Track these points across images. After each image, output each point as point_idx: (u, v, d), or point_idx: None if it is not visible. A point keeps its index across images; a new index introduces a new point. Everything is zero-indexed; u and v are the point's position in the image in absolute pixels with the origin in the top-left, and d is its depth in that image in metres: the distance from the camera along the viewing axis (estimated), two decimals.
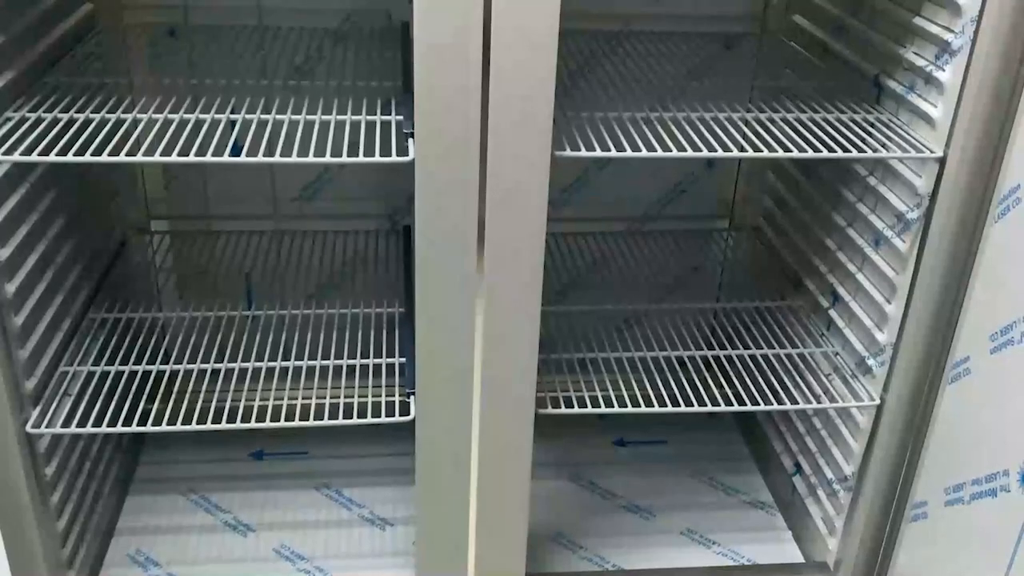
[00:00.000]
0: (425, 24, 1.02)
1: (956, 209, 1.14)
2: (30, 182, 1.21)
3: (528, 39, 1.04)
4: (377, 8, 1.52)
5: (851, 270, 1.36)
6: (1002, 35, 1.06)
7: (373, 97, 1.24)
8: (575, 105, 1.25)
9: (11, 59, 1.16)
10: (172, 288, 1.65)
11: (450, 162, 1.09)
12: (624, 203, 1.73)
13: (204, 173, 1.61)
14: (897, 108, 1.25)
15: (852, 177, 1.36)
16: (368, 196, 1.66)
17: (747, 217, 1.75)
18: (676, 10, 1.59)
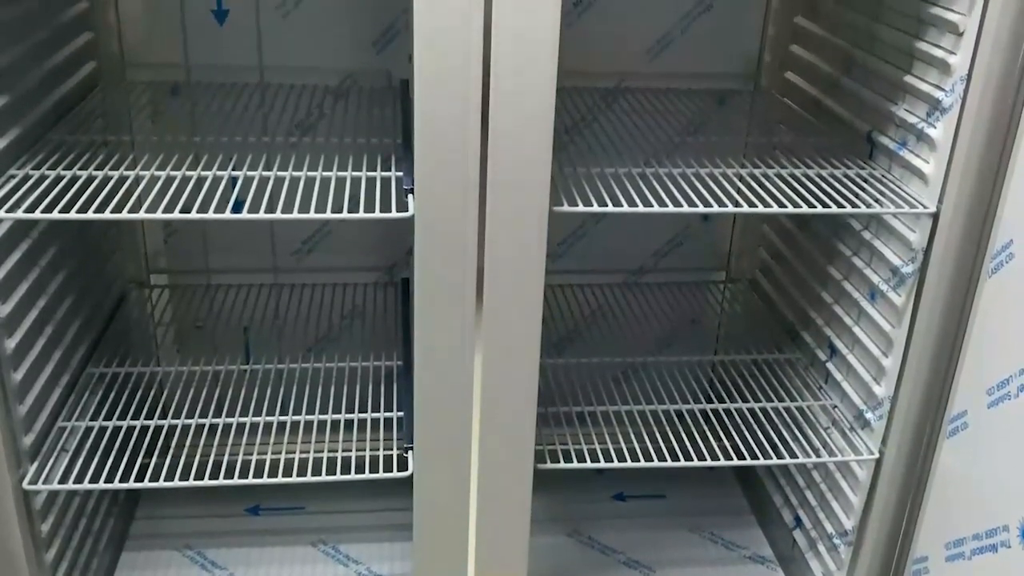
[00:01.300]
0: (425, 82, 1.04)
1: (950, 264, 1.15)
2: (32, 238, 1.21)
3: (526, 97, 1.06)
4: (377, 67, 1.54)
5: (848, 323, 1.37)
6: (991, 93, 1.08)
7: (373, 154, 1.26)
8: (572, 160, 1.27)
9: (16, 118, 1.18)
10: (171, 342, 1.65)
11: (449, 217, 1.10)
12: (621, 255, 1.74)
13: (204, 227, 1.62)
14: (890, 164, 1.27)
15: (847, 231, 1.37)
16: (367, 249, 1.67)
17: (743, 269, 1.77)
18: (670, 68, 1.61)
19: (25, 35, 1.21)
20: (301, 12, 1.50)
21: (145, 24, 1.49)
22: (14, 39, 1.18)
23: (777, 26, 1.60)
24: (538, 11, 1.02)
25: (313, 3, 1.50)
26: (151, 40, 1.50)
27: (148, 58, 1.51)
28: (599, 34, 1.57)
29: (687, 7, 1.59)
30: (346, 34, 1.52)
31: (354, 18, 1.52)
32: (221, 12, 1.49)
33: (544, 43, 1.04)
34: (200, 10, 1.49)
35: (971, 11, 1.08)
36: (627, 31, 1.58)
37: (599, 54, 1.59)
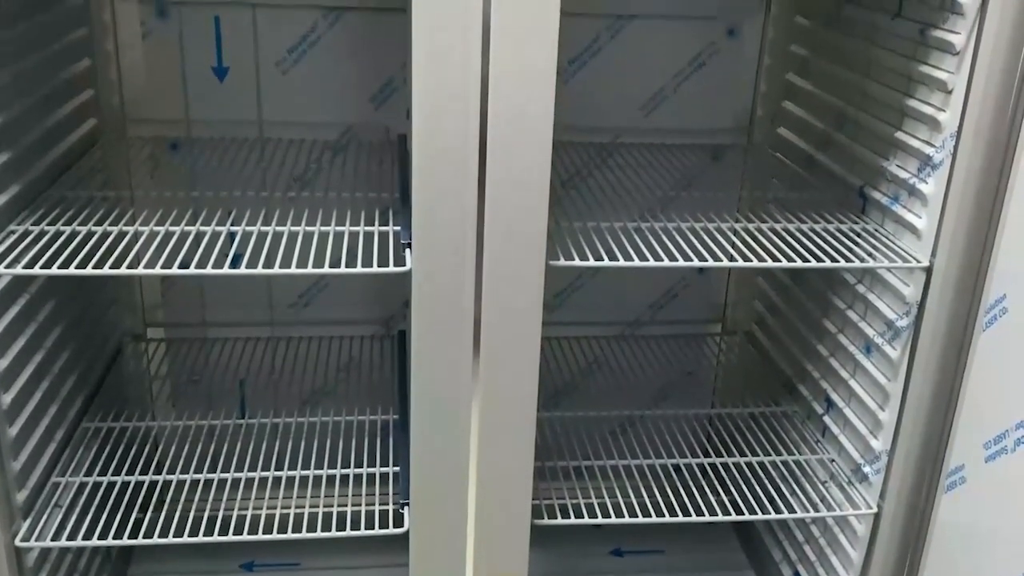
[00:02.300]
0: (423, 138, 1.06)
1: (945, 318, 1.16)
2: (30, 293, 1.22)
3: (523, 152, 1.07)
4: (375, 122, 1.56)
5: (844, 376, 1.37)
6: (981, 150, 1.09)
7: (371, 208, 1.27)
8: (568, 214, 1.28)
9: (17, 174, 1.19)
10: (166, 396, 1.65)
11: (447, 272, 1.11)
12: (617, 307, 1.75)
13: (201, 281, 1.63)
14: (883, 218, 1.28)
15: (841, 285, 1.38)
16: (363, 302, 1.67)
17: (739, 322, 1.77)
18: (664, 123, 1.64)
19: (28, 93, 1.23)
20: (301, 68, 1.53)
21: (146, 81, 1.51)
22: (17, 96, 1.19)
23: (769, 83, 1.62)
24: (534, 68, 1.04)
25: (313, 59, 1.53)
26: (152, 96, 1.52)
27: (149, 114, 1.52)
28: (594, 90, 1.60)
29: (680, 64, 1.61)
30: (345, 89, 1.54)
31: (353, 74, 1.54)
32: (221, 69, 1.52)
33: (540, 99, 1.05)
34: (201, 67, 1.51)
35: (959, 70, 1.11)
36: (622, 87, 1.61)
37: (594, 110, 1.61)
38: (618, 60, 1.59)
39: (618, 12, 1.56)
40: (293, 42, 1.52)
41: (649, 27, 1.58)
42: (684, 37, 1.60)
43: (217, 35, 1.50)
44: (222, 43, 1.51)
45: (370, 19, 1.51)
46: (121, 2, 1.47)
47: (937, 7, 1.14)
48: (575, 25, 1.55)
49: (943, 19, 1.14)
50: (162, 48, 1.50)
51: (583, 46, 1.58)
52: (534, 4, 1.01)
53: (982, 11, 1.06)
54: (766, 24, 1.59)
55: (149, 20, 1.48)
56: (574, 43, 1.58)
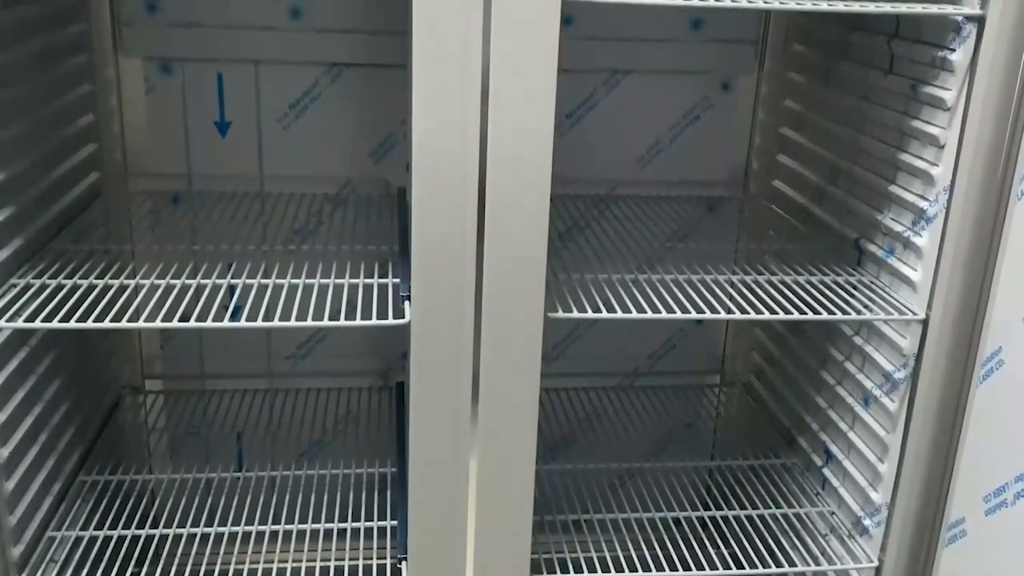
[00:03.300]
0: (423, 191, 1.07)
1: (942, 370, 1.16)
2: (30, 346, 1.22)
3: (521, 206, 1.08)
4: (376, 176, 1.58)
5: (843, 428, 1.37)
6: (974, 204, 1.11)
7: (371, 261, 1.28)
8: (566, 266, 1.29)
9: (19, 228, 1.20)
10: (164, 448, 1.64)
11: (445, 324, 1.11)
12: (615, 358, 1.75)
13: (200, 332, 1.63)
14: (879, 271, 1.29)
15: (839, 336, 1.39)
16: (362, 353, 1.68)
17: (738, 373, 1.77)
18: (661, 175, 1.66)
19: (32, 148, 1.24)
20: (302, 123, 1.55)
21: (149, 135, 1.53)
22: (21, 152, 1.21)
23: (764, 136, 1.64)
24: (532, 122, 1.05)
25: (314, 114, 1.55)
26: (154, 150, 1.54)
27: (151, 168, 1.54)
28: (591, 143, 1.62)
29: (676, 117, 1.64)
30: (345, 144, 1.56)
31: (353, 128, 1.56)
32: (223, 124, 1.54)
33: (538, 153, 1.06)
34: (203, 121, 1.53)
35: (950, 125, 1.12)
36: (618, 140, 1.63)
37: (591, 162, 1.63)
38: (615, 113, 1.61)
39: (614, 67, 1.59)
40: (295, 98, 1.54)
41: (645, 81, 1.60)
42: (679, 91, 1.62)
43: (220, 91, 1.53)
44: (224, 98, 1.53)
45: (371, 75, 1.54)
46: (126, 59, 1.49)
47: (928, 64, 1.16)
48: (572, 80, 1.57)
49: (934, 76, 1.16)
50: (165, 103, 1.52)
51: (580, 100, 1.61)
52: (532, 61, 1.03)
53: (971, 68, 1.08)
54: (760, 79, 1.62)
55: (153, 76, 1.51)
56: (571, 97, 1.60)
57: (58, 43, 1.35)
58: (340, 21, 1.50)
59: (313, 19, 1.49)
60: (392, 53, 1.50)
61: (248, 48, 1.50)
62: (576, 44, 1.52)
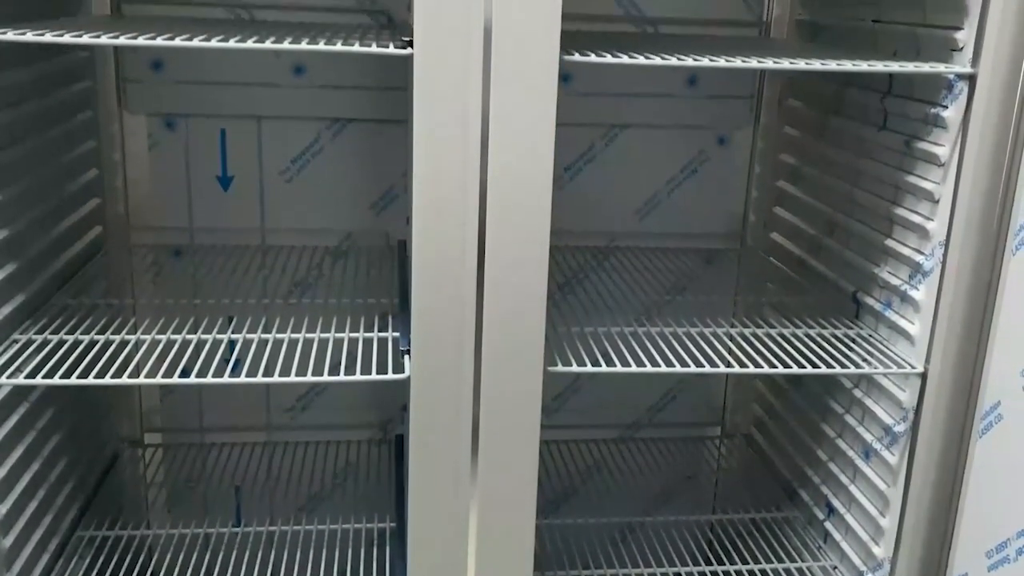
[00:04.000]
0: (423, 244, 1.07)
1: (941, 424, 1.16)
2: (30, 401, 1.22)
3: (520, 259, 1.09)
4: (376, 228, 1.59)
5: (844, 482, 1.37)
6: (970, 258, 1.11)
7: (370, 314, 1.28)
8: (565, 319, 1.29)
9: (22, 284, 1.21)
10: (162, 503, 1.63)
11: (445, 378, 1.11)
12: (615, 410, 1.75)
13: (199, 386, 1.63)
14: (876, 324, 1.30)
15: (838, 389, 1.39)
16: (361, 406, 1.68)
17: (739, 424, 1.77)
18: (659, 227, 1.67)
19: (36, 205, 1.26)
20: (304, 177, 1.57)
21: (151, 189, 1.55)
22: (25, 209, 1.22)
23: (761, 189, 1.66)
24: (531, 176, 1.06)
25: (315, 169, 1.56)
26: (157, 204, 1.55)
27: (153, 222, 1.55)
28: (590, 195, 1.64)
29: (673, 171, 1.65)
30: (346, 197, 1.58)
31: (354, 182, 1.58)
32: (226, 179, 1.55)
33: (537, 206, 1.07)
34: (205, 176, 1.55)
35: (944, 180, 1.14)
36: (616, 193, 1.65)
37: (590, 214, 1.64)
38: (613, 167, 1.63)
39: (612, 121, 1.61)
40: (297, 152, 1.56)
41: (642, 135, 1.63)
42: (676, 145, 1.64)
43: (222, 146, 1.54)
44: (227, 153, 1.55)
45: (372, 130, 1.56)
46: (130, 115, 1.51)
47: (921, 120, 1.18)
48: (571, 134, 1.60)
49: (927, 132, 1.17)
50: (168, 158, 1.54)
51: (579, 153, 1.63)
52: (531, 115, 1.04)
53: (964, 125, 1.10)
54: (756, 134, 1.64)
55: (157, 131, 1.53)
56: (570, 151, 1.62)
57: (64, 100, 1.37)
58: (341, 78, 1.52)
59: (315, 76, 1.52)
60: (393, 108, 1.52)
61: (251, 104, 1.52)
62: (574, 99, 1.55)
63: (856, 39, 1.36)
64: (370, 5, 1.51)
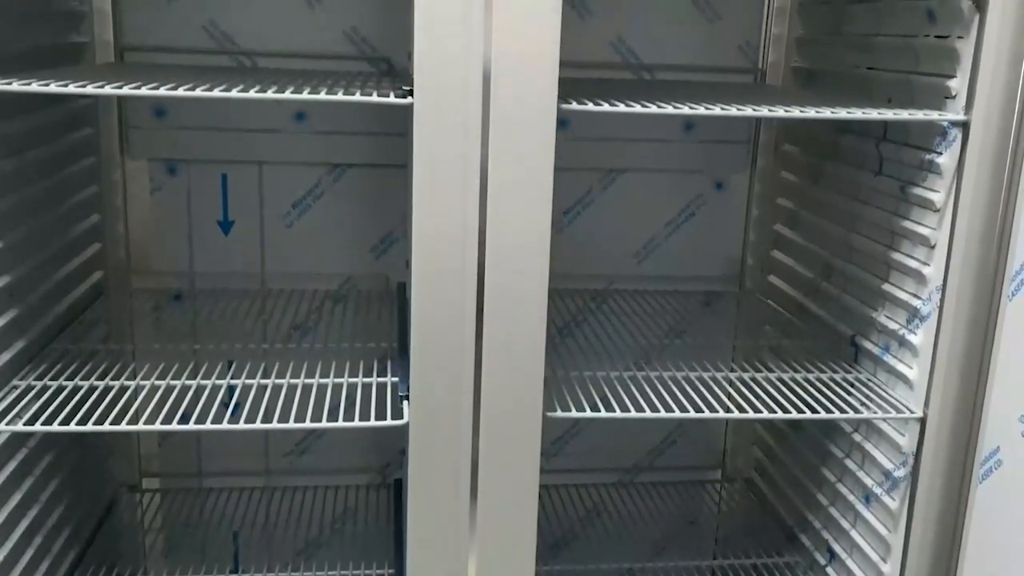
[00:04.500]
0: (422, 289, 1.08)
1: (941, 469, 1.16)
2: (28, 448, 1.22)
3: (519, 303, 1.09)
4: (376, 272, 1.60)
5: (845, 526, 1.36)
6: (966, 303, 1.12)
7: (369, 358, 1.29)
8: (564, 363, 1.29)
9: (22, 331, 1.21)
10: (160, 548, 1.62)
11: (444, 424, 1.11)
12: (615, 454, 1.74)
13: (198, 432, 1.63)
14: (875, 368, 1.30)
15: (838, 433, 1.38)
16: (360, 450, 1.67)
17: (739, 468, 1.76)
18: (657, 271, 1.68)
19: (37, 251, 1.26)
20: (304, 221, 1.58)
21: (152, 234, 1.55)
22: (26, 255, 1.22)
23: (758, 233, 1.67)
24: (530, 219, 1.07)
25: (316, 213, 1.58)
26: (158, 249, 1.56)
27: (154, 266, 1.56)
28: (588, 239, 1.65)
29: (671, 214, 1.67)
30: (346, 241, 1.59)
31: (354, 226, 1.59)
32: (227, 223, 1.56)
33: (536, 250, 1.08)
34: (206, 221, 1.56)
35: (940, 226, 1.15)
36: (615, 236, 1.66)
37: (588, 257, 1.65)
38: (611, 210, 1.64)
39: (610, 166, 1.63)
40: (298, 197, 1.57)
41: (640, 180, 1.64)
42: (674, 189, 1.65)
43: (224, 190, 1.56)
44: (228, 198, 1.56)
45: (372, 174, 1.57)
46: (132, 161, 1.52)
47: (916, 166, 1.19)
48: (569, 178, 1.61)
49: (922, 178, 1.18)
50: (169, 203, 1.55)
51: (577, 197, 1.64)
52: (529, 160, 1.05)
53: (959, 171, 1.11)
54: (752, 178, 1.65)
55: (158, 177, 1.54)
56: (568, 195, 1.63)
57: (67, 147, 1.38)
58: (342, 124, 1.54)
59: (316, 122, 1.53)
60: (393, 153, 1.54)
61: (252, 150, 1.54)
62: (573, 144, 1.55)
63: (851, 85, 1.38)
64: (371, 52, 1.53)
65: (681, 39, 1.58)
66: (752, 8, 1.59)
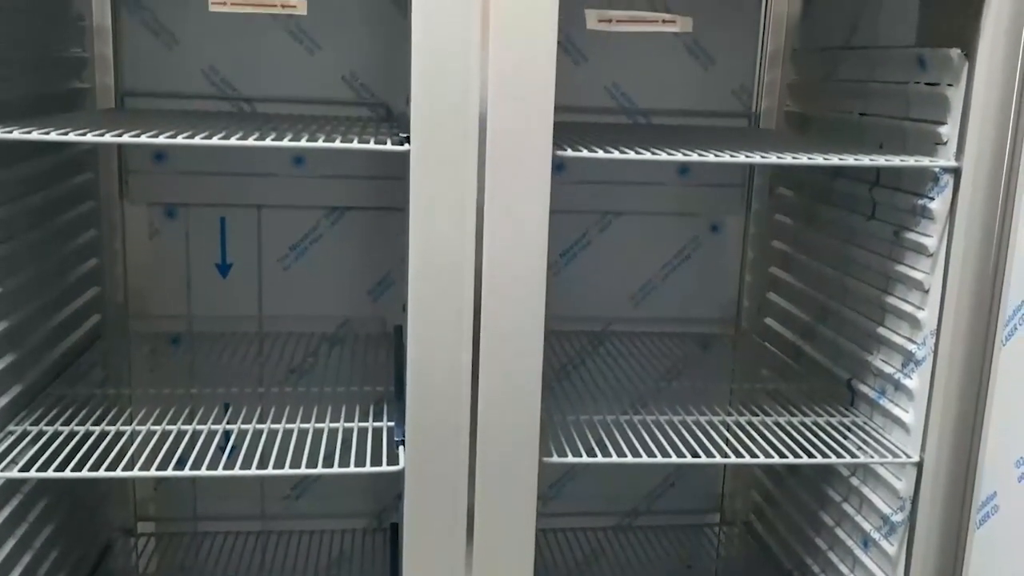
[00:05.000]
0: (417, 335, 1.08)
1: (939, 514, 1.15)
2: (23, 493, 1.21)
3: (515, 347, 1.09)
4: (373, 315, 1.60)
5: (843, 571, 1.35)
6: (961, 347, 1.12)
7: (366, 402, 1.29)
8: (561, 407, 1.29)
9: (19, 375, 1.21)
10: None
11: (440, 470, 1.11)
12: (613, 497, 1.73)
13: (194, 476, 1.62)
14: (872, 411, 1.30)
15: (836, 477, 1.38)
16: (356, 494, 1.67)
17: (738, 512, 1.75)
18: (654, 312, 1.68)
19: (35, 296, 1.27)
20: (302, 264, 1.58)
21: (151, 278, 1.56)
22: (24, 300, 1.23)
23: (753, 275, 1.68)
24: (526, 262, 1.08)
25: (314, 256, 1.58)
26: (155, 292, 1.56)
27: (152, 309, 1.57)
28: (585, 281, 1.65)
29: (667, 257, 1.67)
30: (344, 283, 1.59)
31: (352, 268, 1.59)
32: (225, 266, 1.57)
33: (532, 294, 1.08)
34: (205, 263, 1.57)
35: (934, 270, 1.15)
36: (611, 279, 1.66)
37: (585, 300, 1.66)
38: (607, 253, 1.65)
39: (606, 209, 1.64)
40: (295, 240, 1.58)
41: (636, 222, 1.65)
42: (669, 232, 1.66)
43: (222, 234, 1.57)
44: (227, 241, 1.57)
45: (370, 217, 1.58)
46: (131, 204, 1.53)
47: (909, 211, 1.20)
48: (565, 221, 1.62)
49: (915, 222, 1.19)
50: (168, 246, 1.55)
51: (573, 240, 1.65)
52: (525, 205, 1.06)
53: (951, 216, 1.12)
54: (747, 220, 1.66)
55: (157, 220, 1.55)
56: (565, 237, 1.64)
57: (67, 192, 1.39)
58: (340, 168, 1.55)
59: (314, 166, 1.54)
60: (390, 196, 1.55)
61: (251, 193, 1.55)
62: (569, 187, 1.57)
63: (844, 130, 1.40)
64: (369, 97, 1.54)
65: (676, 84, 1.60)
66: (746, 54, 1.61)
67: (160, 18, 1.48)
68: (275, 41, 1.50)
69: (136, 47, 1.48)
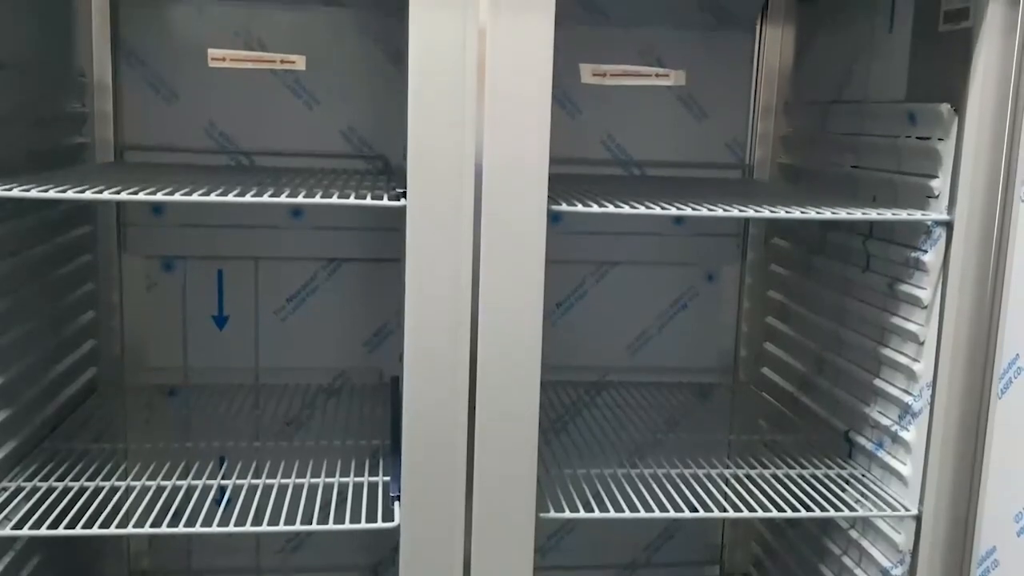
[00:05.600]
0: (413, 391, 1.08)
1: (938, 569, 1.15)
2: (15, 550, 1.20)
3: (511, 399, 1.09)
4: (369, 366, 1.60)
5: None
6: (957, 399, 1.12)
7: (362, 455, 1.28)
8: (558, 459, 1.29)
9: (14, 431, 1.21)
10: None
11: (435, 526, 1.10)
12: (612, 549, 1.72)
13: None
14: (870, 464, 1.29)
15: (835, 530, 1.37)
16: (352, 547, 1.65)
17: (737, 563, 1.74)
18: (650, 362, 1.68)
19: (32, 350, 1.27)
20: (299, 315, 1.58)
21: (147, 330, 1.56)
22: (21, 355, 1.23)
23: (750, 325, 1.68)
24: (522, 313, 1.08)
25: (310, 307, 1.59)
26: (152, 345, 1.56)
27: (148, 362, 1.56)
28: (581, 331, 1.65)
29: (663, 306, 1.68)
30: (340, 335, 1.59)
31: (348, 319, 1.59)
32: (221, 318, 1.57)
33: (528, 345, 1.09)
34: (201, 316, 1.57)
35: (928, 322, 1.16)
36: (608, 328, 1.66)
37: (581, 349, 1.66)
38: (604, 303, 1.66)
39: (602, 259, 1.64)
40: (292, 291, 1.58)
41: (632, 272, 1.66)
42: (665, 281, 1.67)
43: (219, 286, 1.57)
44: (224, 293, 1.57)
45: (367, 268, 1.59)
46: (129, 257, 1.54)
47: (902, 263, 1.21)
48: (561, 271, 1.62)
49: (909, 275, 1.20)
50: (165, 299, 1.56)
51: (570, 290, 1.65)
52: (520, 257, 1.07)
53: (944, 269, 1.13)
54: (743, 270, 1.67)
55: (154, 273, 1.55)
56: (561, 288, 1.64)
57: (64, 245, 1.39)
58: (338, 220, 1.56)
59: (312, 218, 1.55)
60: (387, 248, 1.56)
61: (249, 245, 1.55)
62: (565, 238, 1.58)
63: (837, 183, 1.41)
64: (367, 151, 1.56)
65: (670, 136, 1.62)
66: (739, 107, 1.63)
67: (160, 74, 1.50)
68: (275, 96, 1.52)
69: (136, 102, 1.50)
